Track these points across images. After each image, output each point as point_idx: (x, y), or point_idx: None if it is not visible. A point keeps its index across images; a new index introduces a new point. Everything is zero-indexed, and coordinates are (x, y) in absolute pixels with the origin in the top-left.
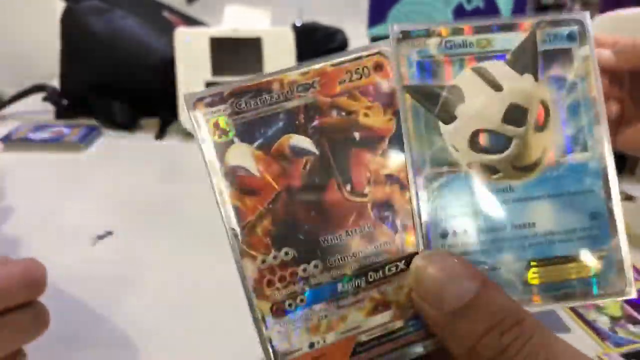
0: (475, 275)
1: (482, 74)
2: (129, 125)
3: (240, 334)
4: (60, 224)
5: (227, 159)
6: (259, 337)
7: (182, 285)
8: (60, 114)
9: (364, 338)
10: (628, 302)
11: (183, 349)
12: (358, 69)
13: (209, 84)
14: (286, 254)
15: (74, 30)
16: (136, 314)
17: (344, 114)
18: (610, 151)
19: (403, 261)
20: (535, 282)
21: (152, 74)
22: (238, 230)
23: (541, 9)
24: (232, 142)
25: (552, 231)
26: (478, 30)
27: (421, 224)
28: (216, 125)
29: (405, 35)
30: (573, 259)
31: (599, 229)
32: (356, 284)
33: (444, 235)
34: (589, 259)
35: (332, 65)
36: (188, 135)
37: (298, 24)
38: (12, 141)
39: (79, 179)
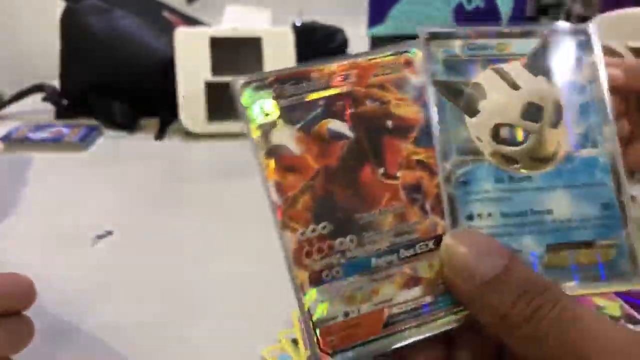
0: (502, 250)
1: (502, 74)
2: (128, 125)
3: (240, 334)
4: (60, 224)
5: (271, 138)
6: (298, 304)
7: (182, 285)
8: (60, 114)
9: (395, 310)
10: (628, 302)
11: (183, 348)
12: (390, 64)
13: (209, 84)
14: (324, 227)
15: (74, 30)
16: (136, 313)
17: (377, 103)
18: (618, 148)
19: (432, 241)
20: (554, 265)
21: (152, 74)
22: (280, 203)
23: (541, 8)
24: (275, 123)
25: (568, 218)
26: (498, 35)
27: (449, 207)
28: (261, 107)
29: (433, 36)
30: (588, 245)
31: (611, 218)
32: (388, 260)
33: (470, 217)
34: (602, 246)
35: (367, 60)
36: (188, 135)
37: (298, 24)
38: (12, 141)
39: (78, 179)
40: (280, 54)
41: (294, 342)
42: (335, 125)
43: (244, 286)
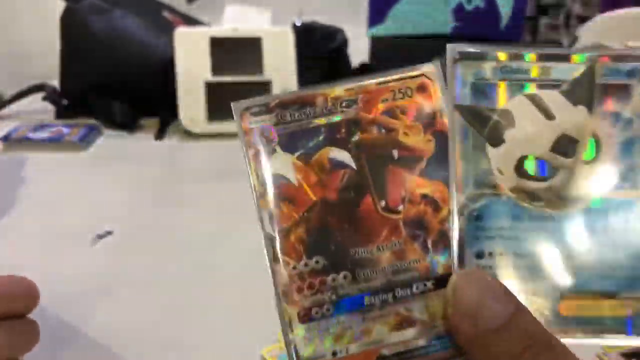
0: (510, 297)
1: (535, 101)
2: (128, 125)
3: (240, 334)
4: (60, 224)
5: (268, 165)
6: (285, 340)
7: (182, 285)
8: (60, 113)
9: (386, 352)
10: None
11: (183, 348)
12: (401, 89)
13: (208, 84)
14: (317, 262)
15: (74, 30)
16: (136, 313)
17: (384, 131)
18: None
19: (431, 281)
20: (568, 313)
21: (152, 74)
22: (274, 235)
23: (541, 8)
24: (274, 150)
25: (590, 266)
26: (539, 57)
27: (457, 242)
28: (261, 133)
29: (462, 56)
30: (611, 295)
31: None
32: (383, 299)
33: (480, 255)
34: (628, 299)
35: (377, 83)
36: (188, 135)
37: (298, 24)
38: (12, 141)
39: (78, 179)
40: (280, 54)
41: None
42: (337, 154)
43: (244, 286)
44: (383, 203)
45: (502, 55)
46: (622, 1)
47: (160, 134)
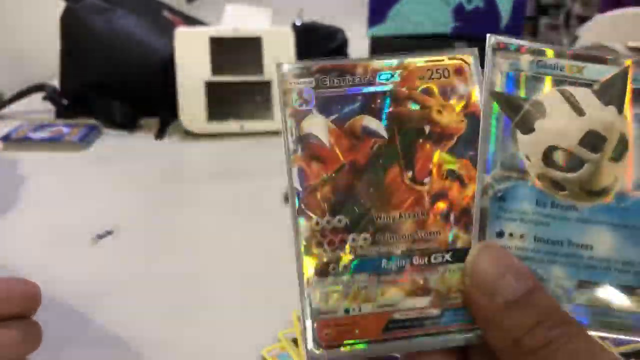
0: (528, 274)
1: (567, 97)
2: (128, 125)
3: (240, 334)
4: (60, 223)
5: (303, 125)
6: (300, 291)
7: (182, 285)
8: (60, 113)
9: (398, 316)
10: None
11: (183, 348)
12: (439, 69)
13: (208, 84)
14: (339, 221)
15: (74, 30)
16: (136, 313)
17: (418, 106)
18: None
19: (450, 253)
20: (583, 303)
21: (152, 74)
22: (300, 189)
23: (541, 8)
24: (310, 111)
25: (609, 258)
26: (573, 56)
27: (479, 218)
28: (300, 94)
29: (501, 46)
30: (627, 291)
31: None
32: (401, 264)
33: (501, 234)
34: None
35: (417, 62)
36: (188, 135)
37: (298, 24)
38: (12, 141)
39: (78, 179)
40: (280, 54)
41: (294, 342)
42: (370, 122)
43: (244, 286)
44: (410, 174)
45: (539, 50)
46: (622, 1)
47: (160, 134)
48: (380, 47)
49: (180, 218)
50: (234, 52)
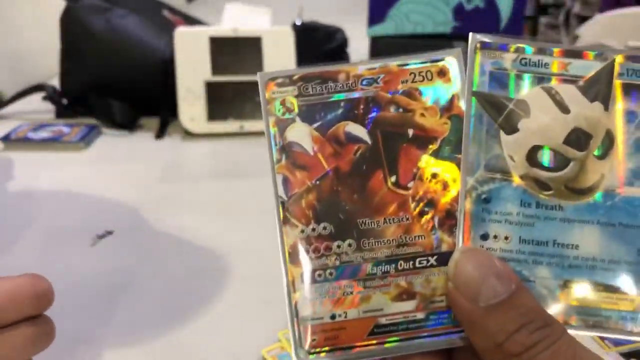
0: (511, 275)
1: (552, 94)
2: (128, 124)
3: (240, 334)
4: (60, 223)
5: (286, 134)
6: (287, 298)
7: (182, 285)
8: (60, 113)
9: (383, 321)
10: None
11: (183, 348)
12: (422, 71)
13: (208, 84)
14: (324, 228)
15: (74, 30)
16: (136, 313)
17: (401, 110)
18: None
19: (435, 257)
20: (568, 302)
21: (152, 74)
22: (285, 198)
23: (541, 8)
24: (294, 120)
25: (595, 257)
26: (559, 53)
27: (463, 222)
28: (282, 103)
29: (483, 46)
30: (613, 289)
31: None
32: (385, 269)
33: (485, 237)
34: (630, 294)
35: (399, 65)
36: (188, 135)
37: (298, 24)
38: (12, 140)
39: (78, 179)
40: (280, 54)
41: None
42: (353, 128)
43: (244, 286)
44: (394, 178)
45: (522, 48)
46: (622, 1)
47: (160, 134)
48: (380, 47)
49: (180, 218)
50: (234, 52)
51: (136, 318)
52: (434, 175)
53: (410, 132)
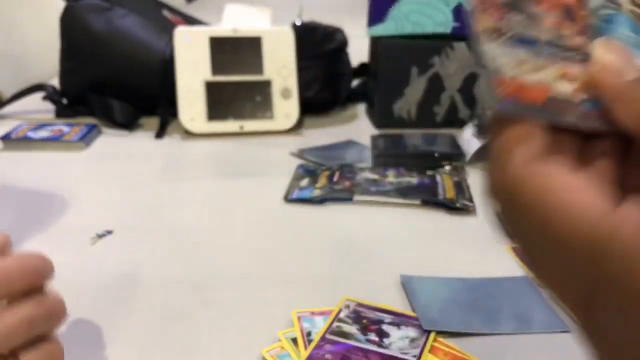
0: None
1: None
2: (128, 124)
3: (240, 334)
4: (60, 223)
5: None
6: (476, 49)
7: (182, 285)
8: (60, 112)
9: (554, 94)
10: None
11: (183, 348)
12: None
13: (208, 84)
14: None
15: (73, 29)
16: (136, 313)
17: None
18: None
19: (582, 55)
20: None
21: (152, 73)
22: None
23: None
24: None
25: None
26: None
27: (594, 30)
28: None
29: None
30: None
31: None
32: (549, 51)
33: None
34: None
35: None
36: (188, 134)
37: (298, 24)
38: (12, 140)
39: (78, 178)
40: (280, 54)
41: (294, 341)
42: None
43: (244, 286)
44: None
45: None
46: None
47: (160, 133)
48: (380, 47)
49: (180, 217)
50: (234, 52)
51: (136, 317)
52: None
53: None
